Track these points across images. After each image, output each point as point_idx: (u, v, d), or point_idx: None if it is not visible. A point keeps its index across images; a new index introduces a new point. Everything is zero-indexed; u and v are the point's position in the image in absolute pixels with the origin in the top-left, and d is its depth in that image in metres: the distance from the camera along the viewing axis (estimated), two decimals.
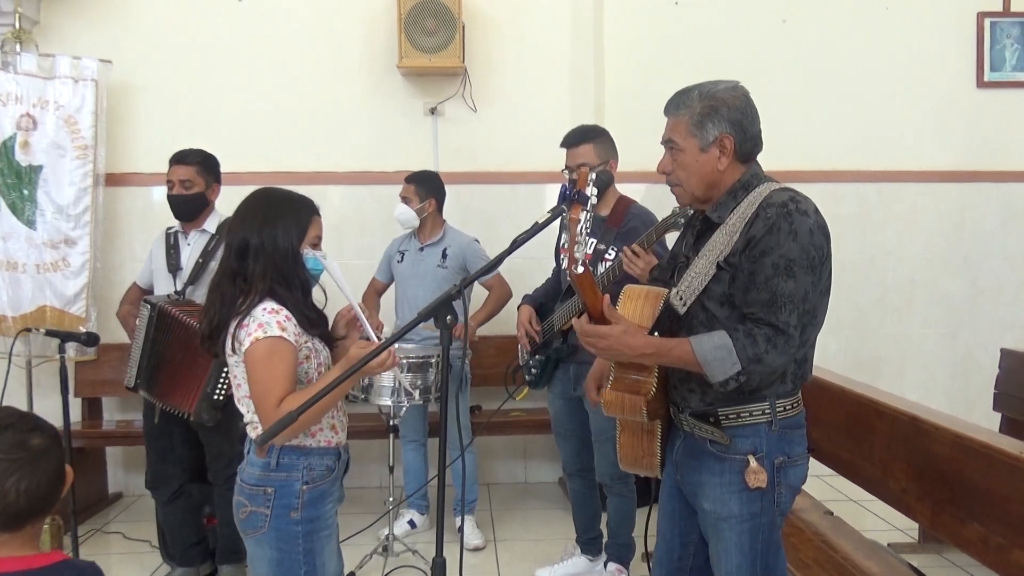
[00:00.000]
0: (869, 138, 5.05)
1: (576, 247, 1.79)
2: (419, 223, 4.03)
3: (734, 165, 2.00)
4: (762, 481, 1.94)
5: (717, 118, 1.96)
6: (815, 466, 3.41)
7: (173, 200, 3.41)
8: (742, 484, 1.96)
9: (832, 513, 3.17)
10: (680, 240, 2.24)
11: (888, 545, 3.70)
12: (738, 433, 1.97)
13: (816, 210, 1.93)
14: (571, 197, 1.87)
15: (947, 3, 5.05)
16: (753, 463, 1.94)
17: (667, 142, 2.02)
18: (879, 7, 5.01)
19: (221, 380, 3.08)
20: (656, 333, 1.99)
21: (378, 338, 2.04)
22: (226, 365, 3.00)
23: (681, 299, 1.95)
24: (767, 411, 1.95)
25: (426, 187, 4.03)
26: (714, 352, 1.86)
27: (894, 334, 5.18)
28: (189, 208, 3.41)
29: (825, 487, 4.32)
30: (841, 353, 5.05)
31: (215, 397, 3.09)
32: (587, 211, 1.85)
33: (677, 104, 2.01)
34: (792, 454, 2.01)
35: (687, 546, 2.16)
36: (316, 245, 2.13)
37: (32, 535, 1.45)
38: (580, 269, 1.78)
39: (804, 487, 3.47)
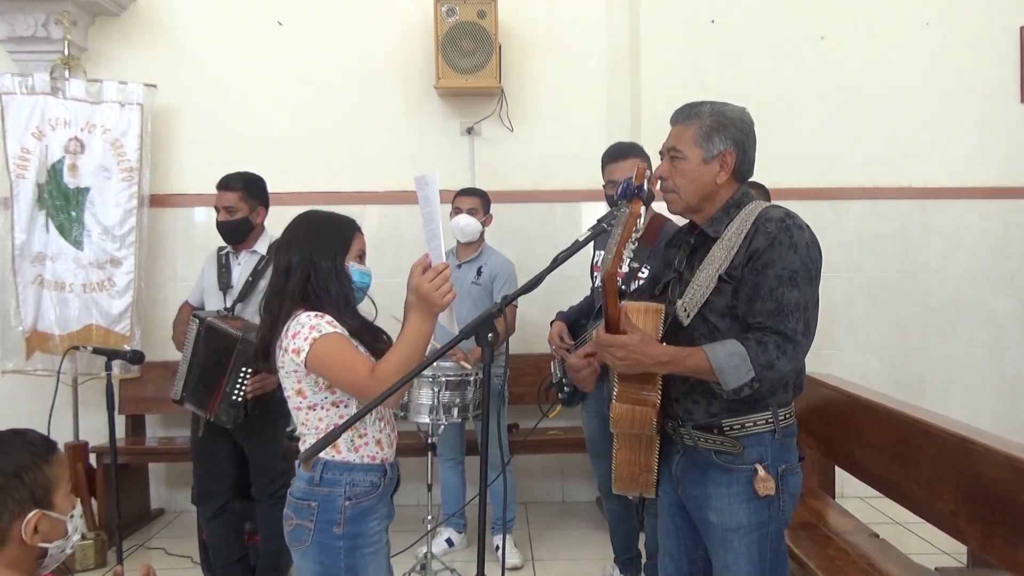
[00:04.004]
0: (910, 155, 4.99)
1: (627, 245, 1.81)
2: (477, 237, 4.08)
3: (730, 181, 2.07)
4: (771, 489, 1.98)
5: (724, 134, 2.04)
6: (860, 487, 3.37)
7: (219, 227, 3.48)
8: (750, 493, 2.00)
9: (878, 535, 3.11)
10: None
11: (936, 569, 3.60)
12: (744, 443, 2.01)
13: (809, 226, 2.02)
14: (632, 192, 1.89)
15: (988, 18, 4.98)
16: (761, 471, 1.99)
17: (670, 149, 2.08)
18: (919, 22, 4.96)
19: (239, 380, 3.12)
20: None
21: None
22: (245, 366, 3.08)
23: (686, 311, 2.01)
24: (770, 420, 2.01)
25: (487, 202, 4.12)
26: (728, 359, 1.90)
27: (938, 354, 5.08)
28: (235, 233, 3.47)
29: (870, 509, 4.25)
30: (884, 373, 4.97)
31: (234, 397, 3.13)
32: (645, 207, 1.88)
33: (687, 114, 2.08)
34: (791, 461, 2.06)
35: (695, 562, 2.18)
36: (361, 259, 2.19)
37: (8, 561, 1.44)
38: (625, 268, 1.81)
39: (849, 508, 3.44)
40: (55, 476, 1.50)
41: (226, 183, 3.46)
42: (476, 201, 4.07)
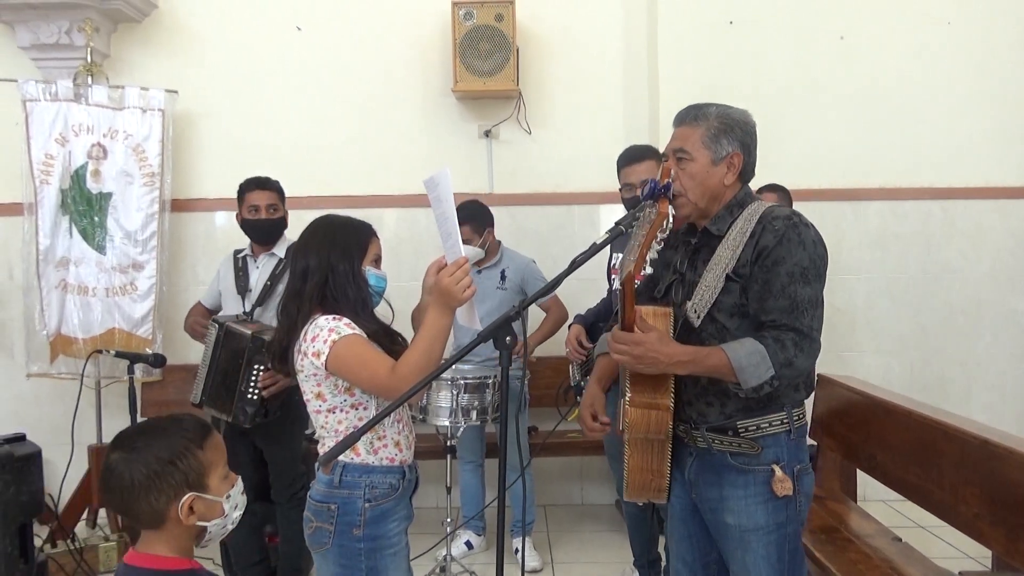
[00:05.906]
0: (931, 154, 4.94)
1: (651, 246, 1.81)
2: (485, 253, 4.01)
3: (735, 183, 2.07)
4: (788, 489, 1.98)
5: (731, 136, 2.04)
6: (882, 490, 3.34)
7: (260, 225, 3.49)
8: (767, 494, 1.99)
9: (900, 539, 3.08)
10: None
11: (959, 573, 3.57)
12: (760, 444, 2.01)
13: (813, 224, 2.02)
14: (659, 191, 1.89)
15: (1010, 16, 4.93)
16: (779, 472, 1.98)
17: (676, 150, 2.07)
18: (941, 21, 4.91)
19: (252, 378, 3.13)
20: None
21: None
22: (256, 363, 3.09)
23: (696, 313, 2.00)
24: (785, 420, 2.01)
25: (479, 221, 3.94)
26: (748, 358, 1.89)
27: (960, 355, 5.02)
28: (275, 232, 3.51)
29: (892, 512, 4.22)
30: (905, 375, 4.93)
31: (249, 396, 3.14)
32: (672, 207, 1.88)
33: (694, 116, 2.08)
34: (805, 461, 2.06)
35: (709, 566, 2.17)
36: (377, 263, 2.21)
37: (169, 537, 1.56)
38: (649, 269, 1.82)
39: (871, 512, 3.42)
40: (209, 460, 1.58)
41: (264, 183, 3.51)
42: (466, 231, 3.80)
